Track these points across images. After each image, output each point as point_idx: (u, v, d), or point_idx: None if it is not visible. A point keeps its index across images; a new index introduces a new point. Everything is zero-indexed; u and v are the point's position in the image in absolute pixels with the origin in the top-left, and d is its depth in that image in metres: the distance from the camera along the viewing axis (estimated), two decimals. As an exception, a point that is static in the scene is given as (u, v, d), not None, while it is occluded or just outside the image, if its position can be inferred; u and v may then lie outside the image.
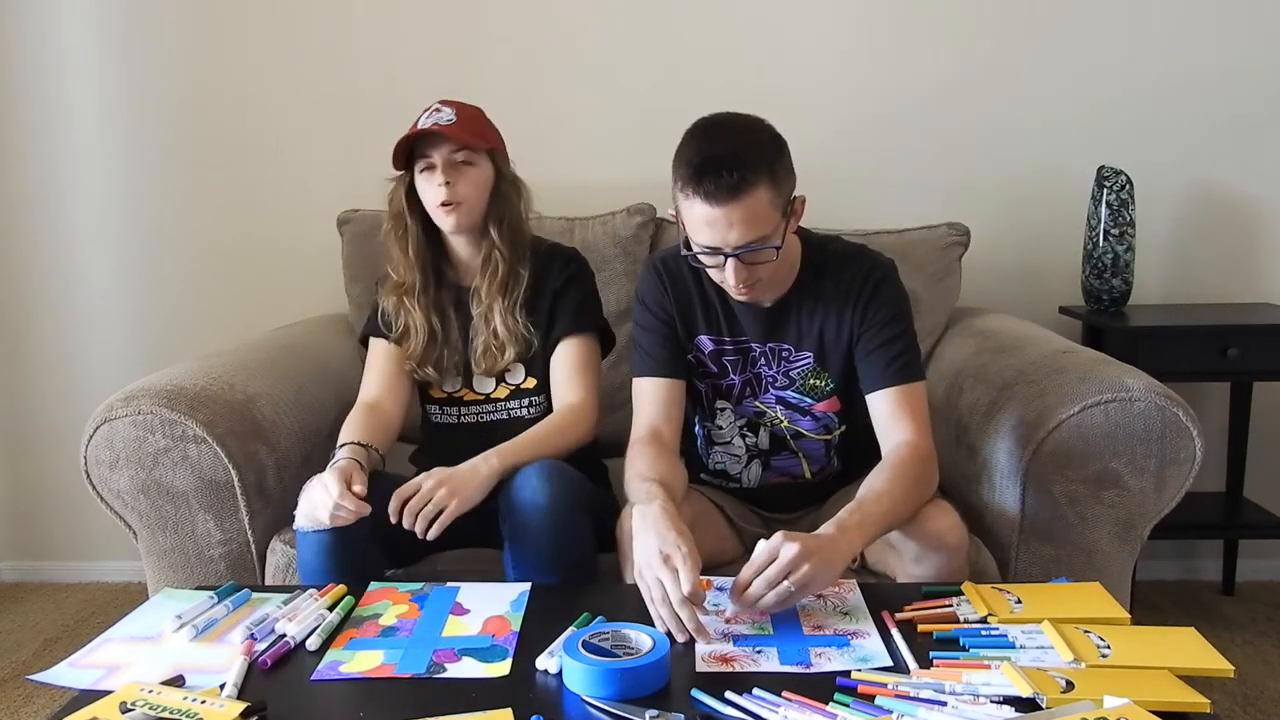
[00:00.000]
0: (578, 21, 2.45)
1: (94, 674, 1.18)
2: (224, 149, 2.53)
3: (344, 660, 1.20)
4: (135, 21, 2.48)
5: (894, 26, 2.42)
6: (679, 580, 1.22)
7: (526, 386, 1.73)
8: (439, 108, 1.65)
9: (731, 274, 1.42)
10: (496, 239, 1.68)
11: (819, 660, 1.16)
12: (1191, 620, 2.28)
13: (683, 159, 1.41)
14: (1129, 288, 2.31)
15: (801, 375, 1.59)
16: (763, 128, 1.44)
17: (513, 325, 1.68)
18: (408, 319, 1.71)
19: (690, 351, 1.62)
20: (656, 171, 2.42)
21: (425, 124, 1.62)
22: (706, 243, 1.41)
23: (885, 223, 2.27)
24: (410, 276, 1.71)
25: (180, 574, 1.72)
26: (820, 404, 1.60)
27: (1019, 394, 1.69)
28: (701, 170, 1.36)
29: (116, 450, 1.66)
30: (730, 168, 1.35)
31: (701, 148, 1.39)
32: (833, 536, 1.28)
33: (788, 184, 1.43)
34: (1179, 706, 1.02)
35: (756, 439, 1.65)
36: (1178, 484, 1.62)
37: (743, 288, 1.45)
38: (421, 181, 1.66)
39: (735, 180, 1.35)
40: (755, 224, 1.38)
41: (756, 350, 1.59)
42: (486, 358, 1.70)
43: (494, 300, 1.68)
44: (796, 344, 1.58)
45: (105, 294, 2.60)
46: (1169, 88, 2.41)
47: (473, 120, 1.68)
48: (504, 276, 1.68)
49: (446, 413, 1.76)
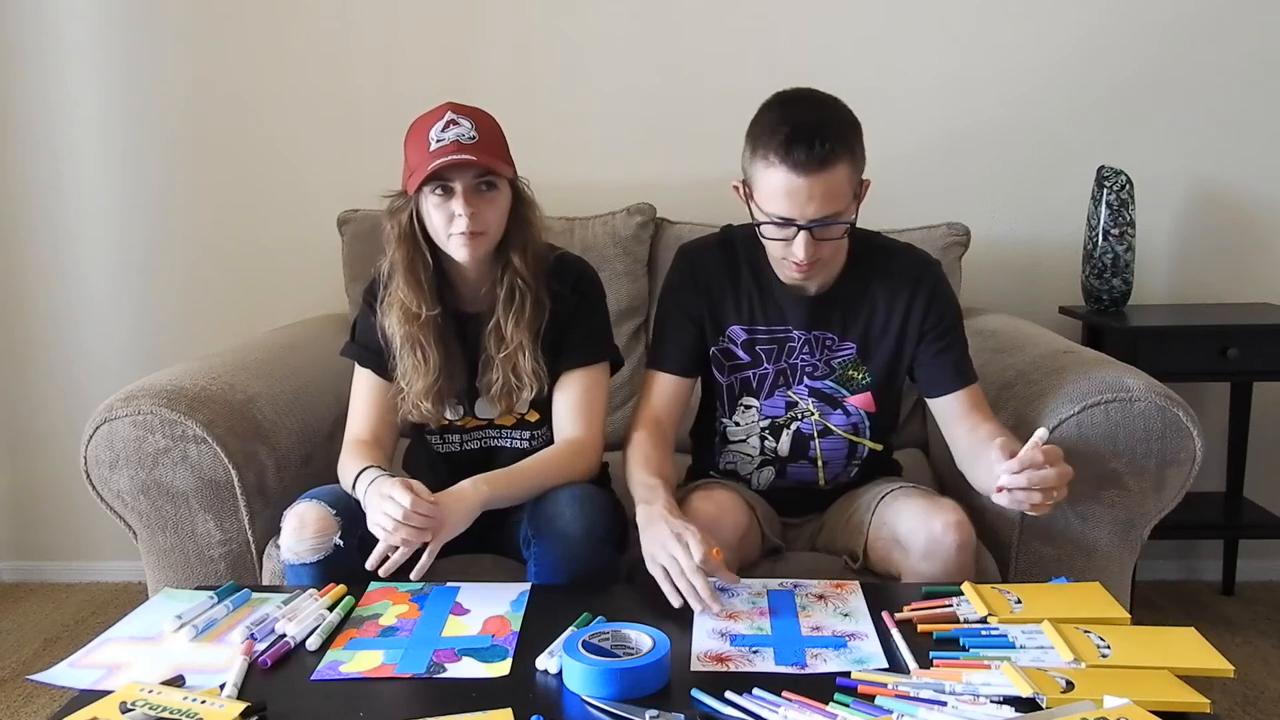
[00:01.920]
0: (578, 21, 2.45)
1: (94, 674, 1.18)
2: (224, 149, 2.53)
3: (344, 660, 1.20)
4: (135, 21, 2.48)
5: (893, 26, 2.42)
6: (690, 552, 1.26)
7: (530, 419, 1.63)
8: (455, 119, 1.46)
9: (801, 248, 1.42)
10: (520, 268, 1.52)
11: (814, 661, 1.16)
12: (1191, 620, 2.28)
13: (765, 128, 1.41)
14: (1129, 288, 2.31)
15: (842, 365, 1.58)
16: (842, 105, 1.46)
17: (536, 368, 1.54)
18: (419, 354, 1.54)
19: (719, 344, 1.60)
20: (657, 171, 2.45)
21: (443, 139, 1.44)
22: (782, 213, 1.41)
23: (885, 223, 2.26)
24: (425, 308, 1.52)
25: (180, 574, 1.72)
26: (854, 397, 1.59)
27: (1019, 394, 1.69)
28: (792, 139, 1.37)
29: (116, 450, 1.65)
30: (822, 138, 1.37)
31: (788, 117, 1.40)
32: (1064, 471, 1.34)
33: (862, 164, 1.46)
34: (1179, 706, 1.02)
35: (777, 444, 1.62)
36: (1178, 484, 1.62)
37: (806, 264, 1.44)
38: (433, 204, 1.47)
39: (825, 151, 1.37)
40: (833, 198, 1.40)
41: (797, 339, 1.58)
42: (504, 396, 1.56)
43: (521, 339, 1.53)
44: (841, 333, 1.57)
45: (105, 294, 2.60)
46: (1169, 88, 2.41)
47: (493, 136, 1.50)
48: (531, 313, 1.53)
49: (448, 440, 1.65)
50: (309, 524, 1.45)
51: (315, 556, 1.44)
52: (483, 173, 1.46)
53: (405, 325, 1.53)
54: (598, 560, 1.44)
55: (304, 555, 1.44)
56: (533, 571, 1.47)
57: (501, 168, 1.48)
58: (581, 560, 1.42)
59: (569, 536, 1.43)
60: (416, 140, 1.48)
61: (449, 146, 1.44)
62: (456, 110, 1.48)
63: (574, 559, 1.43)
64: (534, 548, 1.47)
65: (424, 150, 1.45)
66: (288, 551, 1.46)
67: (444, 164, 1.42)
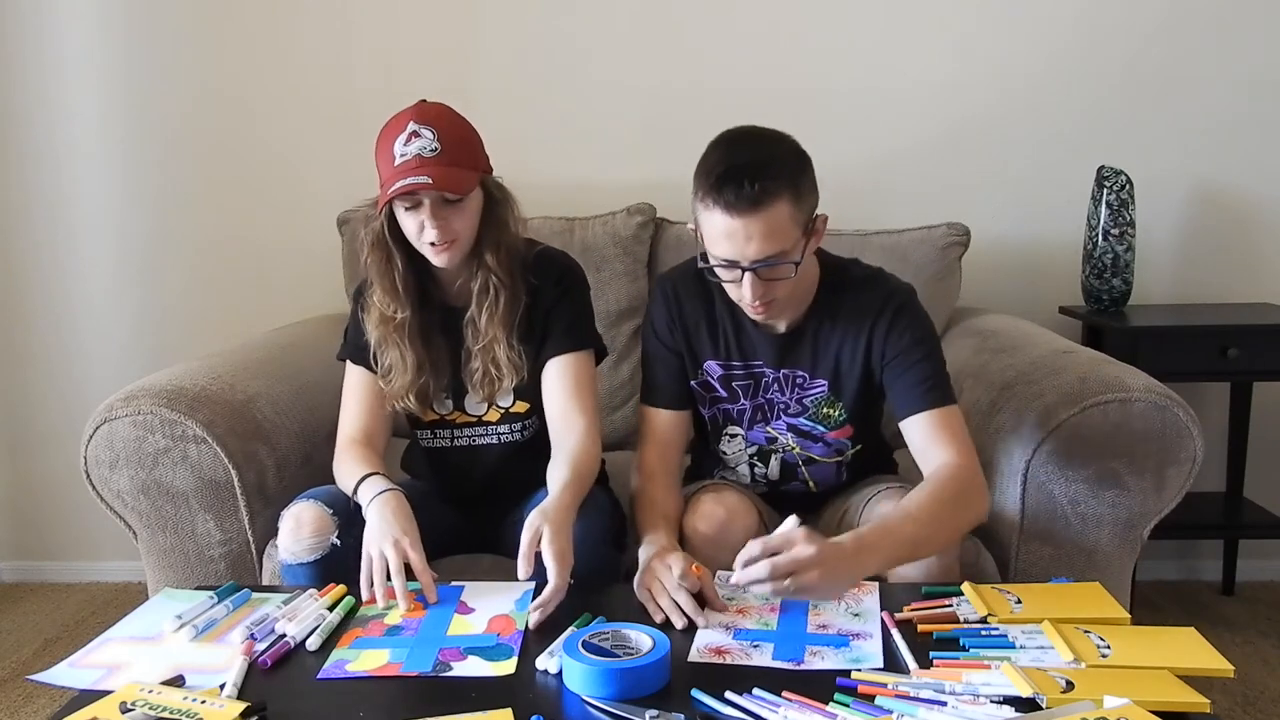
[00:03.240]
0: (577, 21, 2.45)
1: (94, 674, 1.18)
2: (224, 149, 2.53)
3: (350, 659, 1.20)
4: (135, 22, 2.48)
5: (893, 27, 2.43)
6: (672, 572, 1.29)
7: (517, 410, 1.64)
8: (417, 130, 1.45)
9: (748, 289, 1.39)
10: (494, 266, 1.54)
11: (812, 659, 1.16)
12: (1191, 620, 2.28)
13: (704, 169, 1.39)
14: (1129, 288, 2.31)
15: (815, 403, 1.56)
16: (787, 142, 1.42)
17: (512, 357, 1.56)
18: (396, 353, 1.57)
19: (698, 378, 1.59)
20: (656, 171, 2.45)
21: (406, 155, 1.44)
22: (724, 255, 1.38)
23: (885, 223, 2.28)
24: (398, 310, 1.55)
25: (180, 574, 1.72)
26: (833, 432, 1.58)
27: (1019, 394, 1.69)
28: (723, 180, 1.34)
29: (116, 450, 1.66)
30: (752, 178, 1.33)
31: (723, 158, 1.37)
32: (848, 551, 1.24)
33: (810, 200, 1.41)
34: (1179, 706, 1.02)
35: (766, 469, 1.63)
36: (1178, 484, 1.62)
37: (759, 305, 1.42)
38: (403, 215, 1.48)
39: (756, 191, 1.33)
40: (774, 238, 1.36)
41: (770, 376, 1.56)
42: (485, 385, 1.59)
43: (495, 331, 1.55)
44: (811, 370, 1.54)
45: (105, 294, 2.60)
46: (1169, 88, 2.41)
47: (459, 146, 1.48)
48: (505, 307, 1.55)
49: (439, 435, 1.67)
50: (306, 524, 1.46)
51: (312, 556, 1.45)
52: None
53: (382, 326, 1.57)
54: (598, 559, 1.45)
55: (301, 555, 1.45)
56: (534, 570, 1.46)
57: (461, 182, 1.46)
58: (581, 559, 1.42)
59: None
60: (384, 150, 1.48)
61: (410, 162, 1.44)
62: (420, 118, 1.47)
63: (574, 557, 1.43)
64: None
65: (390, 164, 1.46)
66: (285, 551, 1.47)
67: (402, 189, 1.42)
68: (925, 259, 2.19)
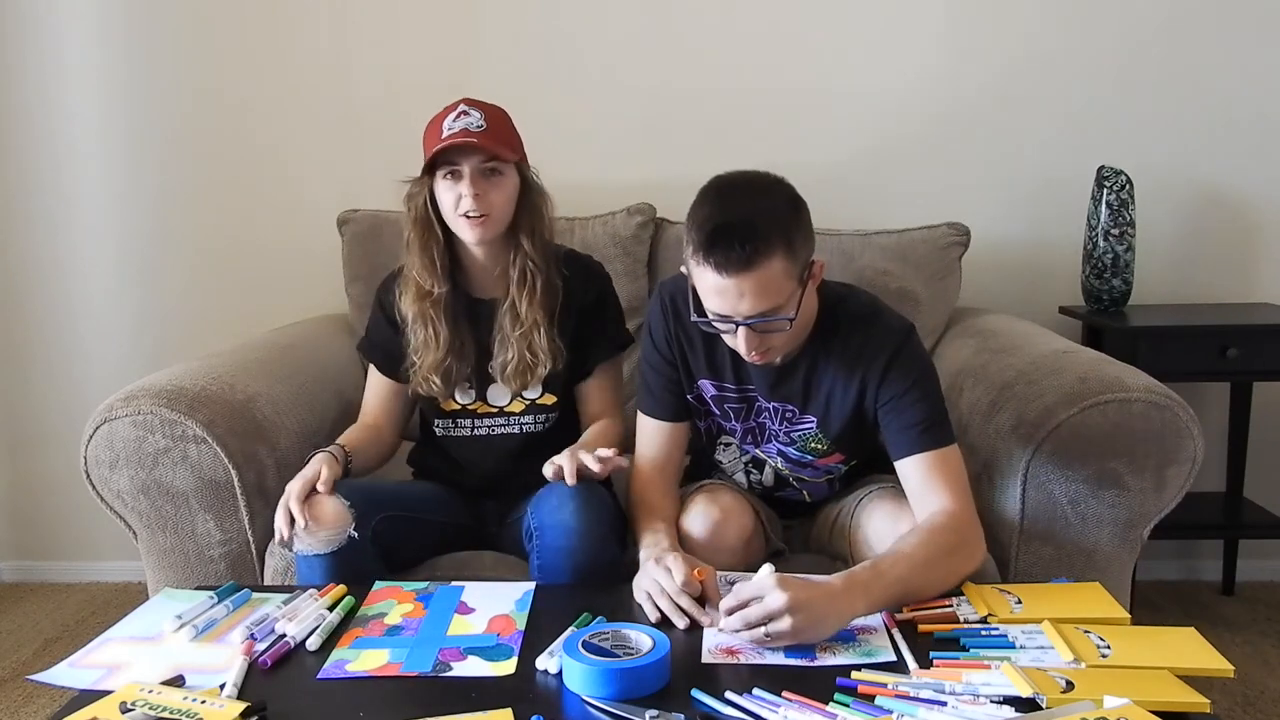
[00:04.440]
0: (578, 21, 2.45)
1: (94, 674, 1.18)
2: (224, 149, 2.53)
3: (350, 659, 1.20)
4: (136, 23, 2.48)
5: (892, 27, 2.42)
6: (672, 575, 1.28)
7: (544, 403, 1.69)
8: (465, 109, 1.57)
9: (744, 342, 1.37)
10: (531, 252, 1.61)
11: (824, 655, 1.16)
12: (1191, 620, 2.28)
13: (695, 222, 1.35)
14: (1129, 288, 2.31)
15: (803, 437, 1.55)
16: (779, 191, 1.38)
17: (551, 345, 1.62)
18: (430, 330, 1.63)
19: (692, 392, 1.58)
20: (656, 171, 2.45)
21: (453, 128, 1.54)
22: (717, 310, 1.36)
23: (885, 223, 2.27)
24: (435, 286, 1.62)
25: (180, 574, 1.72)
26: (823, 459, 1.58)
27: (1019, 394, 1.69)
28: (713, 239, 1.30)
29: (116, 450, 1.66)
30: (743, 239, 1.29)
31: (714, 213, 1.33)
32: (833, 592, 1.21)
33: (804, 251, 1.37)
34: (1179, 706, 1.02)
35: (761, 476, 1.63)
36: (1178, 484, 1.62)
37: (755, 355, 1.39)
38: (443, 188, 1.57)
39: (748, 253, 1.29)
40: (768, 295, 1.32)
41: (762, 403, 1.55)
42: (519, 375, 1.63)
43: (536, 316, 1.61)
44: (802, 405, 1.52)
45: (105, 294, 2.60)
46: (1169, 88, 2.41)
47: (502, 125, 1.60)
48: (543, 293, 1.61)
49: (459, 425, 1.71)
50: (323, 516, 1.47)
51: (329, 548, 1.47)
52: (488, 157, 1.55)
53: (418, 302, 1.64)
54: (602, 555, 1.45)
55: (317, 547, 1.46)
56: (535, 566, 1.47)
57: (505, 152, 1.56)
58: (586, 554, 1.43)
59: (573, 530, 1.44)
60: (432, 129, 1.58)
61: (457, 134, 1.54)
62: (470, 103, 1.60)
63: (577, 552, 1.43)
64: (536, 542, 1.47)
65: (437, 138, 1.56)
66: (301, 543, 1.48)
67: (447, 144, 1.52)
68: (925, 259, 2.19)
